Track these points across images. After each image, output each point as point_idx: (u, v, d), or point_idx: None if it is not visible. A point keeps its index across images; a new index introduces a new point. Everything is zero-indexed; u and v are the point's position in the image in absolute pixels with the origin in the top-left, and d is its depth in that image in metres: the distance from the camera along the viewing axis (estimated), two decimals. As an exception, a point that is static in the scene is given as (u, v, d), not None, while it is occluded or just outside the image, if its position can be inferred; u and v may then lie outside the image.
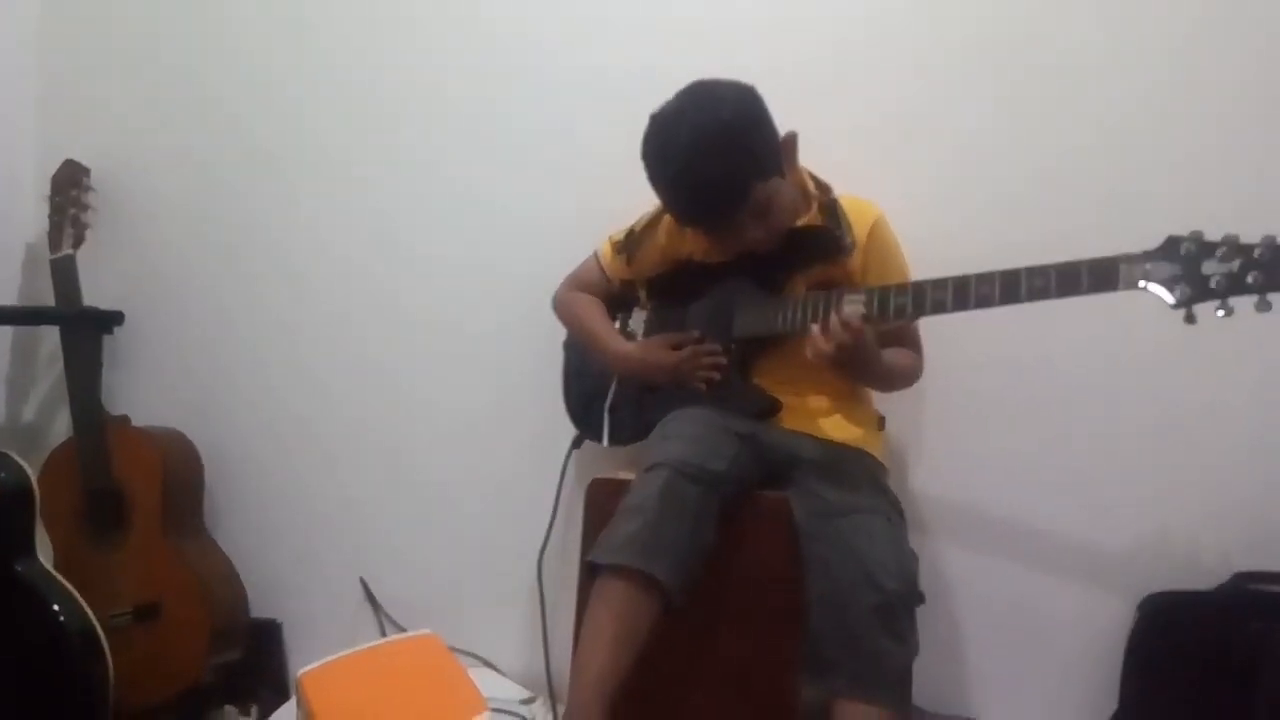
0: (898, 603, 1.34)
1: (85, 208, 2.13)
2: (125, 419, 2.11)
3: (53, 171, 2.15)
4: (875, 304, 1.42)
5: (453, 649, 1.69)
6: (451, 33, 2.11)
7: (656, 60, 1.92)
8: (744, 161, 1.46)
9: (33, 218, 2.25)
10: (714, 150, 1.44)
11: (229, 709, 2.02)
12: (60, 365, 2.06)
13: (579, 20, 2.04)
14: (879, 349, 1.50)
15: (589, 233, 1.83)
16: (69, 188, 2.13)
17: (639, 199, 1.59)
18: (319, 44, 2.19)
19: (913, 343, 1.68)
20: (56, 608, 1.80)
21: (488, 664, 2.00)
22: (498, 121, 2.08)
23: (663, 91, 1.53)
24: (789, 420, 1.60)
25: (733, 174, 1.45)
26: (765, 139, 1.50)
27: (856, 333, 1.39)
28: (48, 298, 2.11)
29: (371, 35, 2.16)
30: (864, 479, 1.51)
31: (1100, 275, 1.22)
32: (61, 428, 2.26)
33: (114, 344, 2.19)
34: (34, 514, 1.85)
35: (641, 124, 1.52)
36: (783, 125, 1.54)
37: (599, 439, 1.80)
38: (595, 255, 1.81)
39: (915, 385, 1.69)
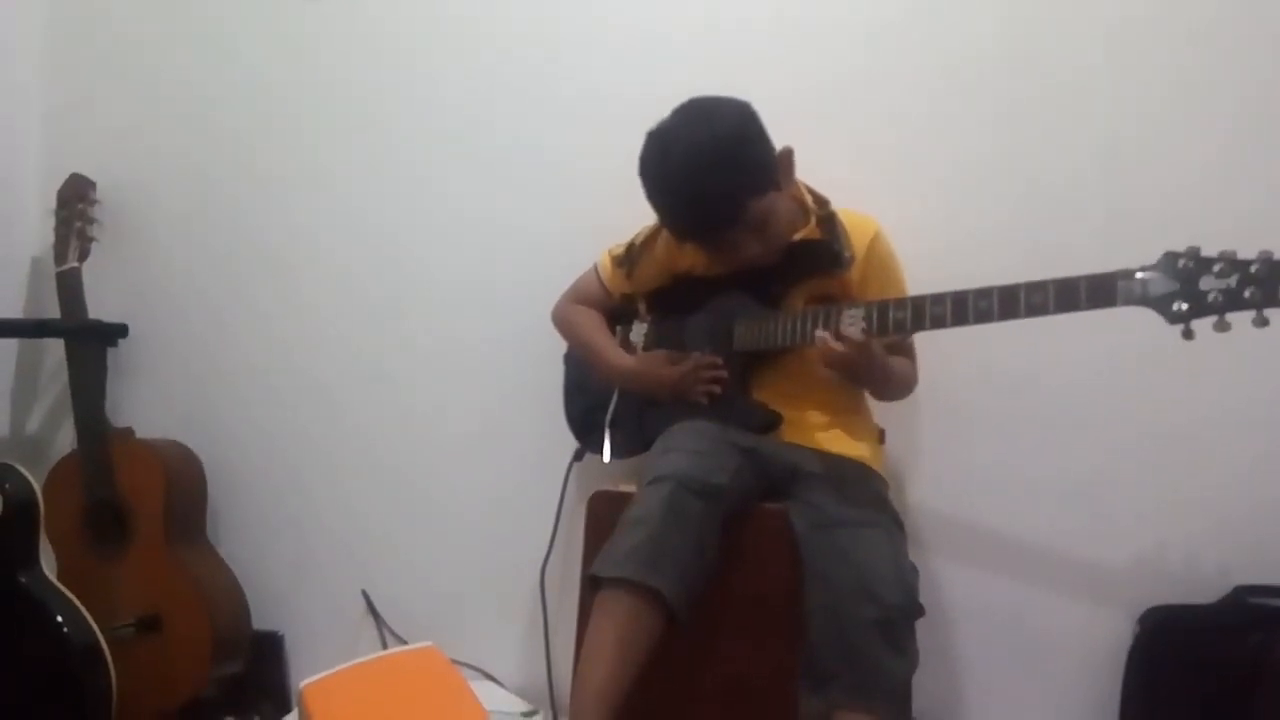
0: (897, 616, 1.34)
1: (91, 221, 2.14)
2: (129, 431, 2.12)
3: (58, 185, 2.17)
4: (874, 318, 1.43)
5: (454, 661, 1.69)
6: (451, 52, 2.13)
7: (655, 78, 1.94)
8: (739, 177, 1.47)
9: (38, 231, 2.27)
10: (709, 166, 1.45)
11: (230, 721, 2.03)
12: (64, 377, 2.07)
13: (578, 40, 2.05)
14: (886, 357, 1.52)
15: (588, 246, 1.84)
16: (75, 201, 2.14)
17: (638, 213, 1.60)
18: (321, 62, 2.20)
19: (909, 354, 1.69)
20: (60, 619, 1.81)
21: (489, 676, 2.00)
22: (497, 138, 2.10)
23: (661, 109, 1.54)
24: (789, 434, 1.61)
25: (728, 190, 1.46)
26: (761, 154, 1.51)
27: (858, 347, 1.41)
28: (53, 310, 2.13)
29: (373, 54, 2.17)
30: (864, 492, 1.51)
31: (1098, 291, 1.22)
32: (65, 439, 2.27)
33: (118, 356, 2.20)
34: (38, 525, 1.87)
35: (641, 138, 1.54)
36: (782, 143, 1.55)
37: (600, 453, 1.80)
38: (595, 269, 1.82)
39: (914, 399, 1.71)
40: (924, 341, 1.69)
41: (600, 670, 1.33)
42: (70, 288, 2.09)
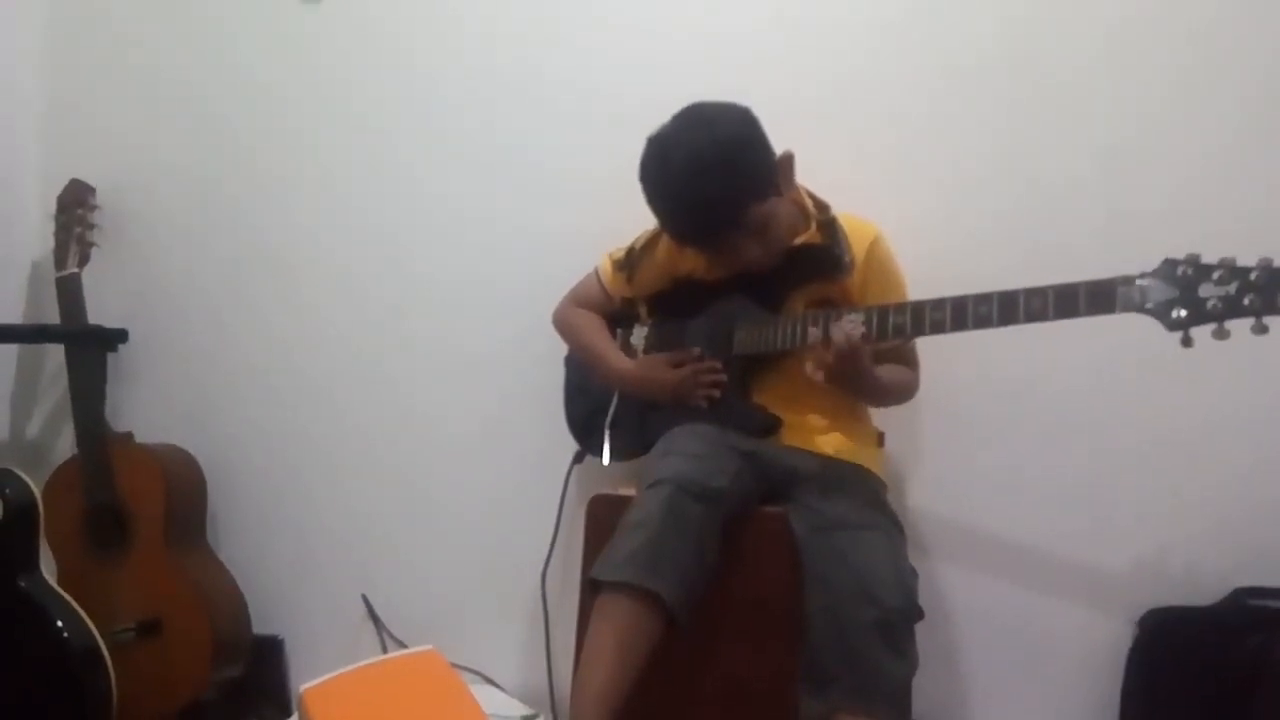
0: (897, 618, 1.34)
1: (90, 226, 2.14)
2: (129, 435, 2.12)
3: (58, 190, 2.16)
4: (874, 323, 1.43)
5: (454, 665, 1.68)
6: (452, 54, 2.12)
7: (655, 78, 1.95)
8: (739, 182, 1.47)
9: (38, 236, 2.27)
10: (709, 171, 1.45)
11: (231, 725, 2.03)
12: (64, 382, 2.07)
13: (579, 43, 2.05)
14: (875, 367, 1.51)
15: (590, 249, 1.84)
16: (74, 206, 2.14)
17: (639, 216, 1.60)
18: (321, 63, 2.19)
19: (910, 360, 1.69)
20: (60, 623, 1.81)
21: (489, 680, 2.00)
22: (499, 141, 2.09)
23: (661, 109, 1.54)
24: (789, 437, 1.61)
25: (728, 194, 1.47)
26: (761, 159, 1.51)
27: (855, 348, 1.41)
28: (52, 315, 2.13)
29: (373, 54, 2.17)
30: (864, 495, 1.51)
31: (1098, 297, 1.22)
32: (65, 444, 2.27)
33: (118, 361, 2.20)
34: (38, 530, 1.87)
35: (641, 139, 1.54)
36: (782, 147, 1.54)
37: (600, 456, 1.80)
38: (596, 272, 1.82)
39: (914, 403, 1.70)
40: (924, 346, 1.69)
41: (600, 674, 1.33)
42: (70, 293, 2.08)
